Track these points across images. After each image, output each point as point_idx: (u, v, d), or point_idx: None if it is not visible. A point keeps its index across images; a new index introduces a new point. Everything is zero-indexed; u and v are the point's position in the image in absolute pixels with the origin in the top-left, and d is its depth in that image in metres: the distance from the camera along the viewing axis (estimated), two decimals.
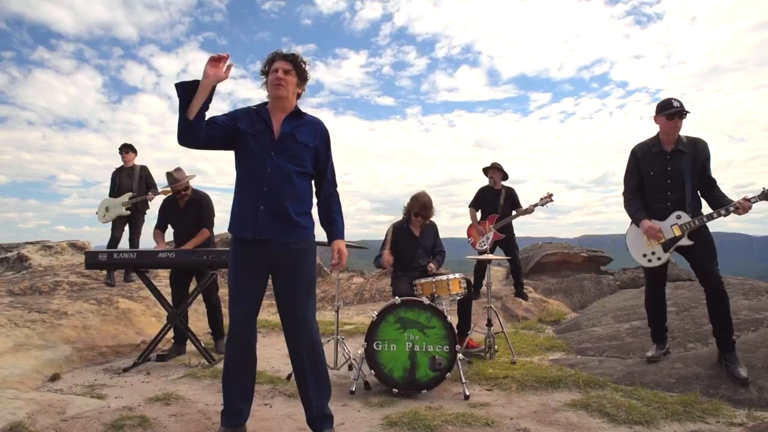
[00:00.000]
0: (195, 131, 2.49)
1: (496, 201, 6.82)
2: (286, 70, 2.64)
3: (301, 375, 2.66)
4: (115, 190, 6.76)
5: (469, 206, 7.07)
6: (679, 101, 3.66)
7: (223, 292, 6.16)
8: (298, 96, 2.77)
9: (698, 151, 3.68)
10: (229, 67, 2.50)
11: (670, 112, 3.63)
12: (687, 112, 3.62)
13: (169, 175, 4.88)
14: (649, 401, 3.23)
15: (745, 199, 3.47)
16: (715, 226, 3.72)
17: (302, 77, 2.73)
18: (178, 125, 2.49)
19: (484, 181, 7.05)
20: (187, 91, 2.46)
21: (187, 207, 4.95)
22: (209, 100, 2.50)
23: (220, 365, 4.38)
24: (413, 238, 4.64)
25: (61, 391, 3.72)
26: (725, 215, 3.55)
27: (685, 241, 3.64)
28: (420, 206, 4.56)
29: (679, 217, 3.67)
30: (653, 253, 3.79)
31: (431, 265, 4.53)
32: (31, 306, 5.23)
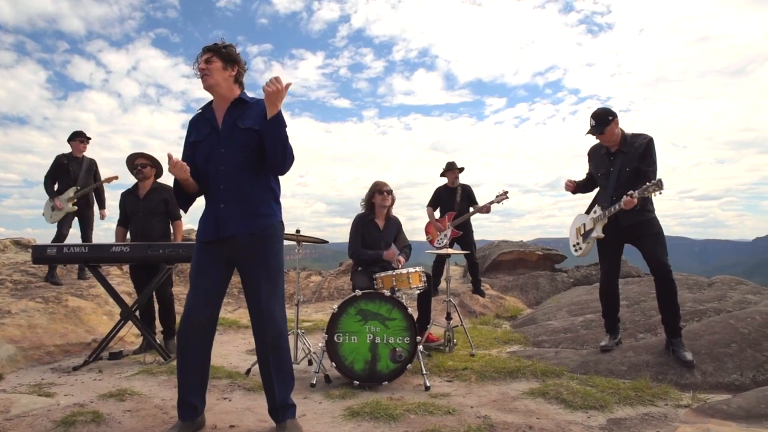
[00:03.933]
0: (199, 194, 2.77)
1: (452, 199, 6.91)
2: (207, 59, 2.62)
3: (265, 364, 2.63)
4: (63, 178, 6.25)
5: (427, 206, 7.15)
6: (599, 116, 3.76)
7: (177, 290, 5.99)
8: (237, 80, 2.69)
9: (635, 147, 3.76)
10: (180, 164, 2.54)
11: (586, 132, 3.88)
12: (599, 132, 3.76)
13: (131, 157, 4.78)
14: (604, 387, 3.35)
15: (628, 195, 3.58)
16: None
17: (227, 59, 2.64)
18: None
19: (440, 183, 7.15)
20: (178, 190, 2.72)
21: (150, 195, 4.78)
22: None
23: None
24: (377, 231, 4.60)
25: (4, 391, 3.53)
26: (615, 211, 3.73)
27: (598, 233, 3.91)
28: (379, 184, 4.57)
29: (595, 212, 3.99)
30: (577, 244, 4.17)
31: (400, 258, 4.44)
32: None
